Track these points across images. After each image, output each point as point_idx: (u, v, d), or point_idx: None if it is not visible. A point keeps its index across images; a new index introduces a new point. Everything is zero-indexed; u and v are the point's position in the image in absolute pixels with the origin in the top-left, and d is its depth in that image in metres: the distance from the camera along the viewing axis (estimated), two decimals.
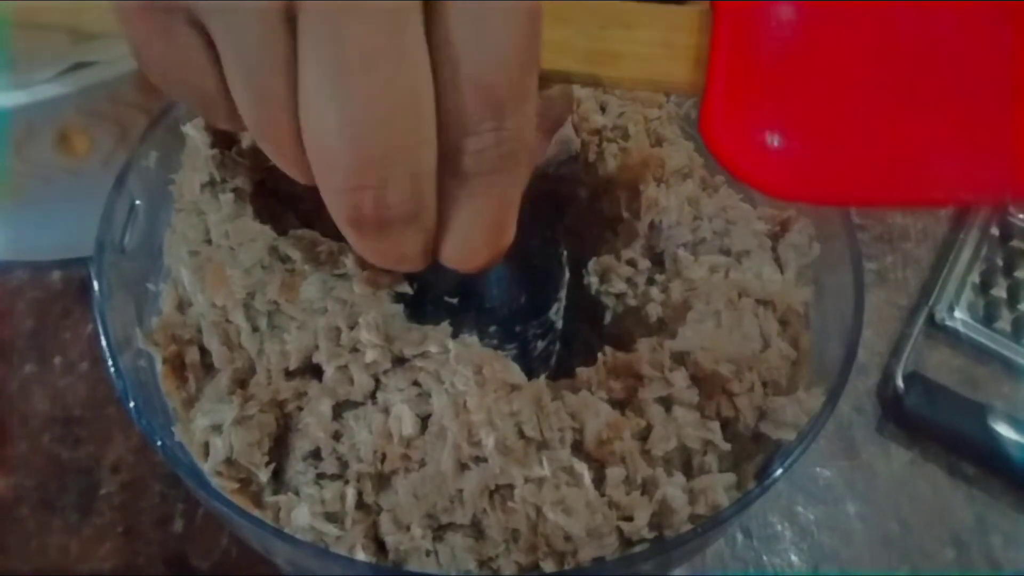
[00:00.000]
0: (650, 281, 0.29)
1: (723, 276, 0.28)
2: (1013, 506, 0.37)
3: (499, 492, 0.22)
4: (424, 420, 0.23)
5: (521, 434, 0.22)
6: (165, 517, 0.35)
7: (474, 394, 0.22)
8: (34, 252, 0.42)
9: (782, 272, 0.29)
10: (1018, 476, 0.37)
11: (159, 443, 0.23)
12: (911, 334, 0.41)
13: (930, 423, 0.38)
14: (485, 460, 0.22)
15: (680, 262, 0.28)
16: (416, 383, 0.23)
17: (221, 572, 0.34)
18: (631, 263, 0.29)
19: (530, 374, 0.24)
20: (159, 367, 0.25)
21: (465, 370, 0.23)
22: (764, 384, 0.25)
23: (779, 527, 0.37)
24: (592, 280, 0.29)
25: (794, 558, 0.36)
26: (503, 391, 0.22)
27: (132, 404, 0.23)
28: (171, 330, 0.25)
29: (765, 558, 0.36)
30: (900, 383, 0.39)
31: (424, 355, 0.24)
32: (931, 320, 0.41)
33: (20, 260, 0.42)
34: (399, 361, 0.24)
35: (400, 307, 0.25)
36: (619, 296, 0.29)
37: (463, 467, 0.22)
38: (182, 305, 0.26)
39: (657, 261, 0.29)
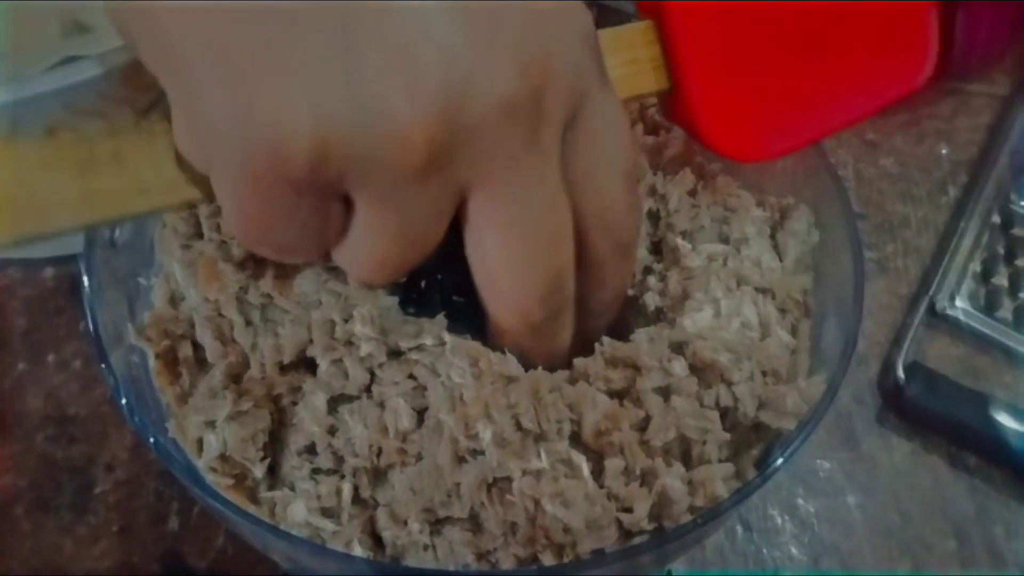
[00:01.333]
0: (648, 271, 0.29)
1: (721, 264, 0.27)
2: (1015, 497, 0.37)
3: (497, 485, 0.22)
4: (420, 414, 0.23)
5: (518, 426, 0.22)
6: (160, 516, 0.35)
7: (470, 387, 0.22)
8: (25, 249, 0.42)
9: (781, 260, 0.28)
10: (1020, 466, 0.37)
11: (152, 440, 0.23)
12: (912, 324, 0.40)
13: (931, 414, 0.38)
14: (482, 453, 0.22)
15: (678, 251, 0.28)
16: (411, 376, 0.23)
17: (217, 571, 0.34)
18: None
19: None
20: (152, 363, 0.25)
21: (461, 363, 0.22)
22: (764, 373, 0.25)
23: (779, 520, 0.36)
24: None
25: (794, 551, 0.36)
26: (500, 383, 0.22)
27: (124, 401, 0.23)
28: (163, 325, 0.25)
29: (765, 551, 0.36)
30: (901, 373, 0.38)
31: (419, 348, 0.23)
32: (932, 309, 0.41)
33: (11, 258, 0.42)
34: (394, 354, 0.24)
35: (395, 300, 0.25)
36: None
37: (460, 460, 0.22)
38: (174, 299, 0.26)
39: (655, 250, 0.29)
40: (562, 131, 0.21)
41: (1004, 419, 0.37)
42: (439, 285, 0.26)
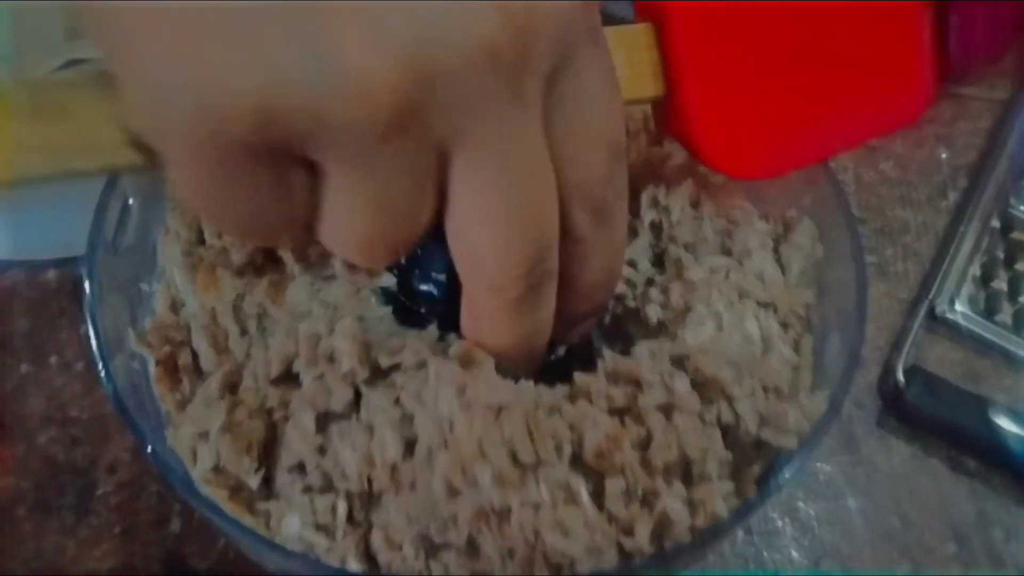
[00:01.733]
0: (650, 282, 0.29)
1: (724, 277, 0.27)
2: (1015, 500, 0.37)
3: (495, 514, 0.21)
4: (411, 443, 0.22)
5: (516, 460, 0.21)
6: (162, 517, 0.35)
7: (460, 420, 0.21)
8: (29, 251, 0.42)
9: (784, 274, 0.28)
10: (1019, 470, 0.37)
11: (149, 449, 0.22)
12: (911, 328, 0.40)
13: (931, 417, 0.38)
14: (481, 485, 0.21)
15: (681, 263, 0.28)
16: (399, 402, 0.22)
17: (219, 572, 0.34)
18: (631, 263, 0.28)
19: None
20: (152, 369, 0.25)
21: (447, 391, 0.22)
22: (765, 389, 0.24)
23: (779, 523, 0.36)
24: None
25: (795, 554, 0.36)
26: (491, 414, 0.22)
27: (122, 408, 0.23)
28: (165, 331, 0.25)
29: (766, 554, 0.36)
30: (901, 377, 0.38)
31: (402, 369, 0.23)
32: (931, 313, 0.41)
33: (15, 260, 0.42)
34: (377, 371, 0.23)
35: (388, 310, 0.24)
36: (618, 297, 0.28)
37: (455, 492, 0.21)
38: (175, 306, 0.26)
39: (657, 262, 0.29)
40: (545, 86, 0.19)
41: (1004, 422, 0.37)
42: (419, 263, 0.25)
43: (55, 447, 0.37)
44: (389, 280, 0.25)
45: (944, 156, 0.47)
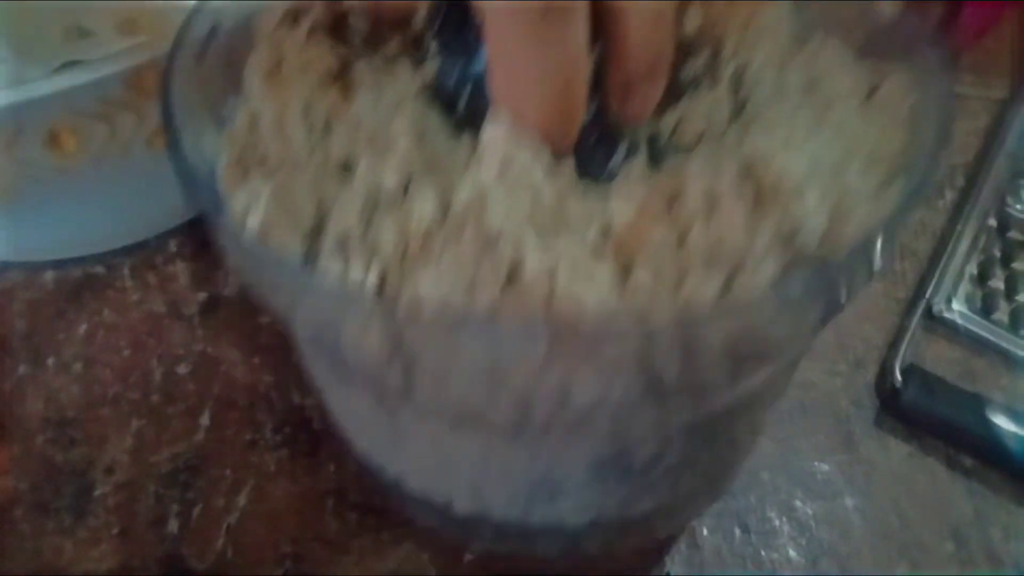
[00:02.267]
0: (724, 134, 0.27)
1: (806, 118, 0.25)
2: (1012, 499, 0.37)
3: (513, 279, 0.21)
4: (445, 213, 0.22)
5: (540, 224, 0.21)
6: (160, 518, 0.35)
7: (496, 187, 0.22)
8: (27, 252, 0.42)
9: (872, 124, 0.26)
10: (1017, 469, 0.37)
11: (196, 192, 0.23)
12: (909, 327, 0.40)
13: (928, 416, 0.38)
14: (502, 249, 0.21)
15: (759, 112, 0.26)
16: (443, 178, 0.23)
17: (217, 573, 0.34)
18: (706, 114, 0.27)
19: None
20: (221, 167, 0.25)
21: (491, 161, 0.22)
22: (830, 204, 0.23)
23: (777, 522, 0.36)
24: (663, 129, 0.27)
25: (792, 553, 0.36)
26: (527, 179, 0.22)
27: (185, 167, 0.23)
28: (239, 137, 0.26)
29: (763, 553, 0.36)
30: (898, 376, 0.38)
31: (453, 153, 0.23)
32: (929, 312, 0.41)
33: (13, 261, 0.42)
34: (430, 163, 0.24)
35: (442, 114, 0.25)
36: (690, 149, 0.27)
37: (480, 256, 0.21)
38: (252, 120, 0.26)
39: (735, 114, 0.27)
40: None
41: (1001, 421, 0.37)
42: (458, 49, 0.25)
43: (53, 448, 0.37)
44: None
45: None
